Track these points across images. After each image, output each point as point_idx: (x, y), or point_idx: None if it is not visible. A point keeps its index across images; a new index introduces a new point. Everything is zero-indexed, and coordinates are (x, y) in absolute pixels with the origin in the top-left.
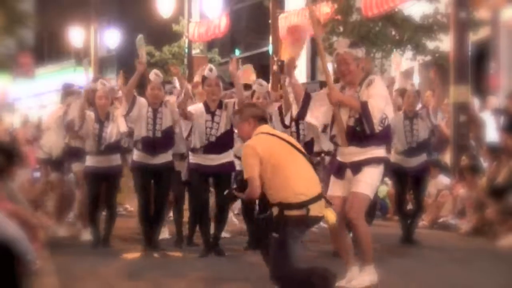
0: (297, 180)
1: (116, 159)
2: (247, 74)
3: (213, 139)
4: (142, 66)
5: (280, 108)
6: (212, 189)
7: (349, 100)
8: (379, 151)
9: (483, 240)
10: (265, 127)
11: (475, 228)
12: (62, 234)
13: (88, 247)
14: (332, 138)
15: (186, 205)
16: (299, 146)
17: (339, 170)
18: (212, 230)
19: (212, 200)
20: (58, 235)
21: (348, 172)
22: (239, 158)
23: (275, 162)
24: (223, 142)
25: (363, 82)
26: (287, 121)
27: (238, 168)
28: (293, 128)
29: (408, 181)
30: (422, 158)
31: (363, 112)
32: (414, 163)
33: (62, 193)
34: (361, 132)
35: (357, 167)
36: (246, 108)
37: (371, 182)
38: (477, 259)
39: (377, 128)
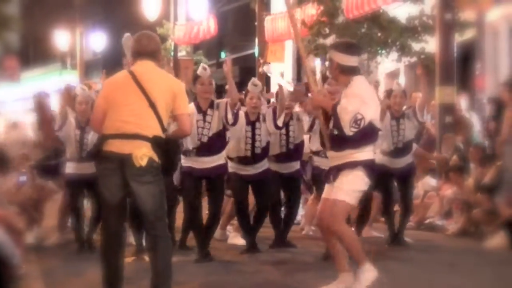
0: (113, 117)
1: None
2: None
3: (205, 139)
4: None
5: (274, 109)
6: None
7: (326, 103)
8: (357, 155)
9: (470, 241)
10: (135, 64)
11: (462, 229)
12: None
13: (74, 251)
14: (321, 142)
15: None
16: (148, 89)
17: (327, 173)
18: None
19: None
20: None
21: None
22: (230, 159)
23: (110, 101)
24: (215, 143)
25: (348, 83)
26: (279, 123)
27: (230, 170)
28: (283, 130)
29: (393, 182)
30: (408, 159)
31: (333, 115)
32: (400, 164)
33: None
34: (338, 135)
35: (335, 172)
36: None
37: (348, 188)
38: (464, 260)
39: (349, 130)
